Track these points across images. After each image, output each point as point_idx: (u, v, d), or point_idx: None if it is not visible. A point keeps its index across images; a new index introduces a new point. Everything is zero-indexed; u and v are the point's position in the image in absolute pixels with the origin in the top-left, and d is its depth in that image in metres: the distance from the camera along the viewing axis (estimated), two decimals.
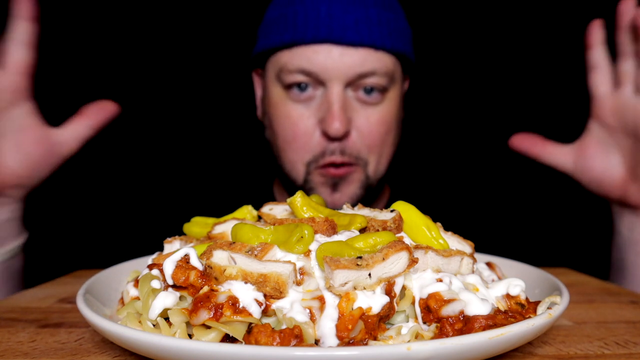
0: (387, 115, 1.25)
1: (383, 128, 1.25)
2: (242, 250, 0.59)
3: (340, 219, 0.66)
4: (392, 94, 1.26)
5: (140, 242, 1.06)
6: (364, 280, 0.54)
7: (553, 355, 0.59)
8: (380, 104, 1.24)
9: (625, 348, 0.61)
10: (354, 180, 1.27)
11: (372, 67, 1.19)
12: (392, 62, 1.23)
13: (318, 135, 1.22)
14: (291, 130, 1.24)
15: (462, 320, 0.54)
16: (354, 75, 1.18)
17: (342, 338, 0.51)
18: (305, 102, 1.23)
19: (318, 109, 1.22)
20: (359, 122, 1.22)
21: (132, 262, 0.84)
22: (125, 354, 0.58)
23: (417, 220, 0.67)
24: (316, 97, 1.22)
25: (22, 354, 0.58)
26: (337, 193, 1.27)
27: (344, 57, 1.17)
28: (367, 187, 1.29)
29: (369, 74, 1.19)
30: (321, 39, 1.17)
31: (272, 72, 1.26)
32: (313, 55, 1.18)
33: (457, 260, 0.63)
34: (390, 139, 1.29)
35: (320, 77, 1.19)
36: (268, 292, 0.54)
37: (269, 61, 1.28)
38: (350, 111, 1.21)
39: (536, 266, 0.83)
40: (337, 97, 1.18)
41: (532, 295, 0.72)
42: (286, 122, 1.25)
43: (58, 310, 0.78)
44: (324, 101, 1.20)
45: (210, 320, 0.52)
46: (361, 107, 1.23)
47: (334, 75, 1.18)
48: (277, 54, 1.24)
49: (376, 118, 1.24)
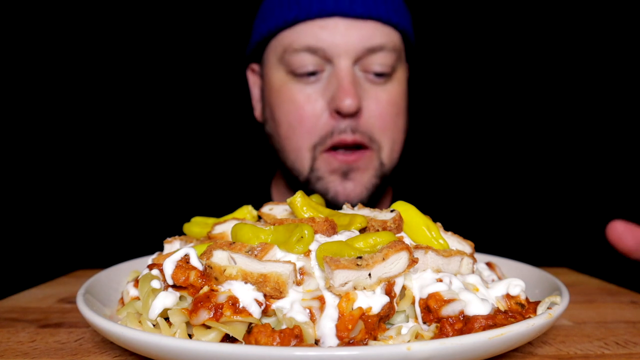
0: (396, 95, 1.21)
1: (393, 109, 1.20)
2: (242, 250, 0.59)
3: (340, 219, 0.66)
4: (399, 75, 1.22)
5: (140, 242, 1.06)
6: (364, 280, 0.54)
7: (553, 355, 0.59)
8: (388, 83, 1.19)
9: (625, 348, 0.61)
10: (368, 167, 1.19)
11: (380, 41, 1.15)
12: (398, 39, 1.20)
13: (327, 116, 1.15)
14: (297, 114, 1.17)
15: (462, 320, 0.54)
16: (362, 50, 1.14)
17: (342, 338, 0.51)
18: (313, 83, 1.17)
19: (326, 88, 1.16)
20: (369, 103, 1.16)
21: (132, 262, 0.84)
22: (125, 354, 0.58)
23: (417, 220, 0.67)
24: (323, 78, 1.17)
25: (22, 354, 0.58)
26: (349, 182, 1.18)
27: (351, 30, 1.13)
28: (382, 176, 1.21)
29: (378, 49, 1.15)
30: (328, 12, 1.12)
31: (274, 56, 1.21)
32: (319, 31, 1.13)
33: (457, 260, 0.63)
34: (400, 123, 1.23)
35: (327, 53, 1.14)
36: (268, 292, 0.54)
37: (269, 47, 1.22)
38: (360, 90, 1.15)
39: (536, 266, 0.83)
40: (347, 72, 1.13)
41: (532, 295, 0.72)
42: (291, 107, 1.18)
43: (58, 310, 0.78)
44: (333, 79, 1.15)
45: (210, 320, 0.52)
46: (370, 86, 1.18)
47: (342, 50, 1.13)
48: (279, 35, 1.18)
49: (386, 98, 1.18)
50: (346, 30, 1.13)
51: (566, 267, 1.16)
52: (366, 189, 1.19)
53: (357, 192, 1.18)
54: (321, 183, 1.19)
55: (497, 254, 0.94)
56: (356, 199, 1.19)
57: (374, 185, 1.20)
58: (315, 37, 1.13)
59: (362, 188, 1.19)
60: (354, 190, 1.18)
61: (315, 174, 1.19)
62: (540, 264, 0.93)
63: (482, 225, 1.34)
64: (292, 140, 1.19)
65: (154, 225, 1.17)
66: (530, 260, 0.92)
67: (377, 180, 1.21)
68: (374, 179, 1.20)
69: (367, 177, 1.19)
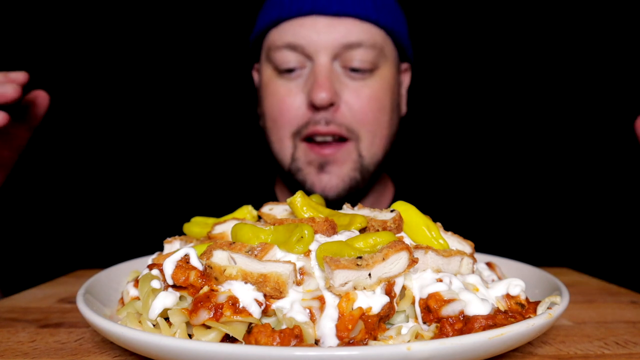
0: (378, 91, 1.23)
1: (375, 104, 1.22)
2: (242, 250, 0.59)
3: (340, 219, 0.66)
4: (383, 72, 1.24)
5: (140, 242, 1.06)
6: (364, 280, 0.54)
7: (553, 355, 0.59)
8: (370, 79, 1.22)
9: (625, 348, 0.61)
10: (345, 160, 1.22)
11: (357, 38, 1.18)
12: (380, 36, 1.22)
13: (304, 108, 1.21)
14: (278, 106, 1.23)
15: (462, 320, 0.54)
16: (339, 47, 1.18)
17: (342, 338, 0.51)
18: (294, 79, 1.22)
19: (305, 83, 1.21)
20: (349, 96, 1.20)
21: (132, 262, 0.84)
22: (125, 354, 0.58)
23: (417, 220, 0.67)
24: (304, 74, 1.22)
25: (22, 354, 0.58)
26: (325, 174, 1.22)
27: (329, 27, 1.18)
28: (363, 170, 1.24)
29: (355, 45, 1.18)
30: (306, 11, 1.18)
31: (264, 54, 1.28)
32: (298, 29, 1.19)
33: (457, 260, 0.63)
34: (384, 119, 1.25)
35: (306, 50, 1.19)
36: (268, 292, 0.54)
37: (262, 46, 1.29)
38: (338, 86, 1.20)
39: (536, 266, 0.83)
40: (323, 67, 1.18)
41: (532, 295, 0.72)
42: (274, 99, 1.24)
43: (58, 310, 0.78)
44: (311, 74, 1.20)
45: (210, 320, 0.52)
46: (350, 81, 1.21)
47: (320, 47, 1.18)
48: (267, 34, 1.25)
49: (367, 93, 1.21)
50: (324, 27, 1.18)
51: (566, 267, 1.16)
52: (342, 182, 1.22)
53: (333, 184, 1.22)
54: (300, 174, 1.24)
55: (497, 254, 0.94)
56: (332, 191, 1.22)
57: (353, 178, 1.23)
58: (295, 34, 1.19)
59: (338, 180, 1.22)
60: (329, 182, 1.22)
61: (295, 164, 1.24)
62: (540, 264, 0.93)
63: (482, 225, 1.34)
64: (274, 131, 1.26)
65: (154, 225, 1.17)
66: (530, 260, 0.92)
67: (356, 174, 1.23)
68: (353, 172, 1.23)
69: (345, 170, 1.22)
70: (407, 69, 1.39)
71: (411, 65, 1.40)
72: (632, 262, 1.67)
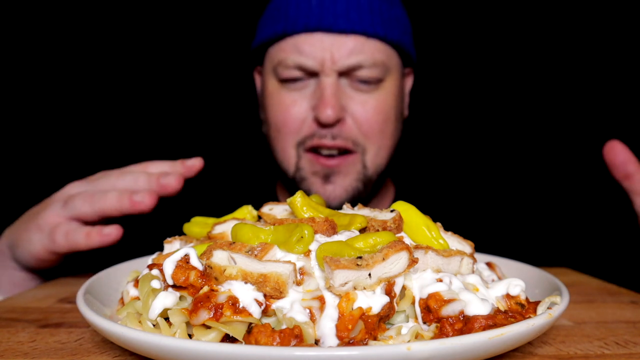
0: (384, 103, 1.23)
1: (380, 116, 1.23)
2: (242, 250, 0.59)
3: (340, 219, 0.66)
4: (388, 84, 1.24)
5: (140, 242, 1.06)
6: (364, 280, 0.54)
7: (553, 355, 0.59)
8: (376, 91, 1.22)
9: (625, 348, 0.61)
10: (350, 171, 1.23)
11: (364, 57, 1.18)
12: (386, 52, 1.22)
13: (310, 120, 1.21)
14: (282, 115, 1.23)
15: (462, 320, 0.54)
16: (346, 67, 1.18)
17: (342, 338, 0.51)
18: (300, 89, 1.23)
19: (311, 96, 1.21)
20: (355, 109, 1.21)
21: (132, 262, 0.84)
22: (125, 354, 0.58)
23: (417, 220, 0.67)
24: (310, 85, 1.22)
25: (22, 354, 0.58)
26: (330, 185, 1.24)
27: (335, 46, 1.17)
28: (366, 180, 1.25)
29: (362, 64, 1.18)
30: (312, 27, 1.17)
31: (269, 65, 1.27)
32: (304, 46, 1.18)
33: (457, 260, 0.63)
34: (388, 130, 1.26)
35: (312, 68, 1.19)
36: (268, 292, 0.54)
37: (267, 55, 1.28)
38: (344, 99, 1.20)
39: (536, 266, 0.83)
40: (330, 84, 1.18)
41: (532, 295, 0.72)
42: (279, 109, 1.24)
43: (58, 310, 0.78)
44: (317, 88, 1.20)
45: (210, 320, 0.52)
46: (356, 93, 1.21)
47: (327, 67, 1.18)
48: (273, 47, 1.24)
49: (372, 105, 1.22)
50: (330, 46, 1.17)
51: (566, 267, 1.16)
52: (346, 192, 1.24)
53: (337, 195, 1.23)
54: (305, 183, 1.25)
55: (497, 254, 0.94)
56: (335, 200, 1.24)
57: (355, 189, 1.24)
58: (301, 53, 1.18)
59: (341, 191, 1.23)
60: (333, 192, 1.23)
61: (300, 173, 1.25)
62: (540, 264, 0.93)
63: (482, 225, 1.34)
64: (278, 140, 1.26)
65: (154, 225, 1.17)
66: (530, 260, 0.92)
67: (359, 184, 1.25)
68: (356, 182, 1.24)
69: (349, 180, 1.24)
70: (410, 72, 1.39)
71: (413, 67, 1.40)
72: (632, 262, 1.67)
